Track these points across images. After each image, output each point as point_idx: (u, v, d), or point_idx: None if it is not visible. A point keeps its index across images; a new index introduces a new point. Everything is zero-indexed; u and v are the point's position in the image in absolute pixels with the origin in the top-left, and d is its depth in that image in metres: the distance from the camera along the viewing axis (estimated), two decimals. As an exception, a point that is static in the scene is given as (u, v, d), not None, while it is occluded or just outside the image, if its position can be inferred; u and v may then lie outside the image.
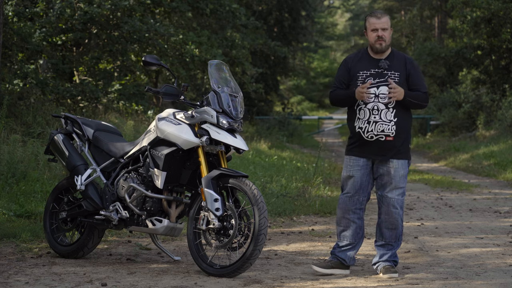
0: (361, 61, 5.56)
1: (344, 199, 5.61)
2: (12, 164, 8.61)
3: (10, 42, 12.90)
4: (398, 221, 5.55)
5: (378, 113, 5.43)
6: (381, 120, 5.43)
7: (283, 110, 35.16)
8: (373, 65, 5.51)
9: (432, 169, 17.85)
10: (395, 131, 5.43)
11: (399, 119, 5.45)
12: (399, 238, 5.61)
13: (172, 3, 16.90)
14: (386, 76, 5.46)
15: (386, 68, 5.48)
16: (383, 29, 5.48)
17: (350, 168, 5.58)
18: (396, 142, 5.46)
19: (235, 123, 5.52)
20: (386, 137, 5.43)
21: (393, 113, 5.43)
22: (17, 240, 6.57)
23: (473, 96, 25.62)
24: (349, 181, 5.59)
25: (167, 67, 5.76)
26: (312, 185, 11.01)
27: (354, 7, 59.75)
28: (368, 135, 5.45)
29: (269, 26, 31.91)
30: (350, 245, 5.62)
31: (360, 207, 5.60)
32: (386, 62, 5.49)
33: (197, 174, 5.66)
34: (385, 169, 5.50)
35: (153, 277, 5.38)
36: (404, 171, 5.53)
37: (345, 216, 5.61)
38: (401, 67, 5.49)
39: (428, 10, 36.99)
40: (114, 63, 16.06)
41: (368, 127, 5.45)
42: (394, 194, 5.51)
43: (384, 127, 5.42)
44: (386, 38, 5.49)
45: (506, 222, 8.54)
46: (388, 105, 5.43)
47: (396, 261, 5.60)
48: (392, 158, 5.48)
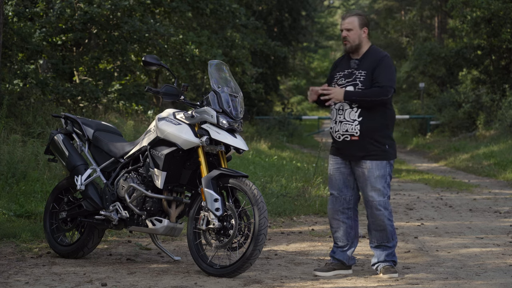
0: (342, 62, 5.63)
1: (332, 200, 5.63)
2: (12, 164, 8.61)
3: (10, 42, 12.90)
4: (384, 222, 5.48)
5: (343, 113, 5.46)
6: (345, 120, 5.44)
7: (283, 110, 35.17)
8: (347, 66, 5.55)
9: (432, 169, 17.86)
10: (360, 131, 5.40)
11: (364, 118, 5.40)
12: (392, 237, 5.55)
13: (172, 3, 16.90)
14: (354, 75, 5.47)
15: (356, 68, 5.48)
16: (347, 30, 5.49)
17: (331, 167, 5.63)
18: (363, 142, 5.40)
19: (235, 123, 5.52)
20: (351, 136, 5.43)
21: (357, 112, 5.41)
22: (17, 240, 6.57)
23: (473, 96, 25.63)
24: (331, 181, 5.62)
25: (167, 67, 5.76)
26: (312, 185, 11.01)
27: (354, 7, 59.73)
28: (336, 135, 5.50)
29: (269, 26, 31.91)
30: (345, 246, 5.62)
31: (348, 207, 5.58)
32: (355, 62, 5.50)
33: (197, 174, 5.66)
34: (360, 171, 5.48)
35: (153, 277, 5.38)
36: (380, 171, 5.43)
37: (334, 217, 5.61)
38: (369, 66, 5.44)
39: (428, 10, 37.02)
40: (114, 63, 16.06)
41: (335, 127, 5.50)
42: (374, 197, 5.44)
43: (347, 126, 5.43)
44: (350, 38, 5.48)
45: (506, 222, 8.54)
46: (352, 105, 5.42)
47: (395, 261, 5.58)
48: (363, 159, 5.43)
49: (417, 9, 37.49)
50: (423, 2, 35.70)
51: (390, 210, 5.52)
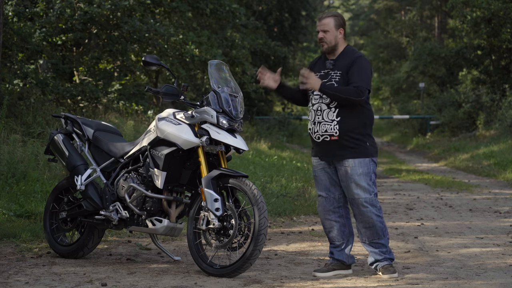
0: (317, 64, 5.64)
1: (321, 201, 5.62)
2: (12, 164, 8.61)
3: (10, 42, 12.90)
4: (372, 219, 5.46)
5: (321, 113, 5.46)
6: (323, 120, 5.44)
7: (283, 110, 35.16)
8: (323, 66, 5.56)
9: (432, 169, 17.86)
10: (339, 131, 5.40)
11: (343, 118, 5.40)
12: (383, 234, 5.52)
13: (172, 3, 16.90)
14: (329, 76, 5.47)
15: (331, 68, 5.50)
16: (323, 31, 5.51)
17: (315, 169, 5.64)
18: (343, 142, 5.41)
19: (235, 123, 5.52)
20: (330, 137, 5.43)
21: (336, 112, 5.41)
22: (17, 240, 6.57)
23: (473, 96, 25.63)
24: (317, 182, 5.63)
25: (167, 67, 5.76)
26: (312, 185, 11.01)
27: (354, 7, 59.72)
28: (316, 136, 5.50)
29: (269, 26, 31.91)
30: (341, 245, 5.62)
31: (338, 205, 5.58)
32: (331, 62, 5.52)
33: (197, 174, 5.66)
34: (343, 170, 5.47)
35: (153, 277, 5.38)
36: (364, 169, 5.43)
37: (326, 218, 5.61)
38: (344, 66, 5.45)
39: (428, 10, 37.03)
40: (114, 63, 16.06)
41: (314, 127, 5.49)
42: (360, 194, 5.43)
43: (327, 126, 5.43)
44: (327, 39, 5.49)
45: (506, 222, 8.54)
46: (330, 105, 5.42)
47: (392, 258, 5.58)
48: (346, 157, 5.43)
49: (417, 9, 37.50)
50: (423, 2, 35.71)
51: (379, 206, 5.51)
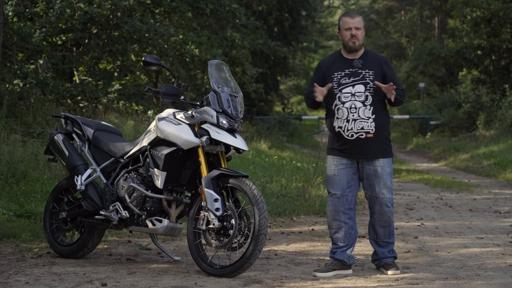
0: (335, 63, 5.63)
1: (333, 200, 5.62)
2: (12, 164, 8.61)
3: (10, 42, 12.90)
4: (390, 219, 5.63)
5: (356, 111, 5.48)
6: (359, 117, 5.47)
7: (283, 110, 35.17)
8: (347, 65, 5.57)
9: (432, 169, 17.86)
10: (375, 128, 5.47)
11: (377, 116, 5.49)
12: (392, 233, 5.68)
13: (172, 3, 16.90)
14: (361, 75, 5.51)
15: (360, 67, 5.53)
16: (356, 28, 5.55)
17: (334, 168, 5.61)
18: (377, 139, 5.49)
19: (235, 123, 5.52)
20: (366, 134, 5.47)
21: (371, 110, 5.48)
22: (17, 240, 6.57)
23: (473, 96, 25.63)
24: (334, 181, 5.61)
25: (167, 67, 5.76)
26: (312, 185, 11.01)
27: (354, 7, 59.74)
28: (349, 134, 5.49)
29: (269, 26, 31.91)
30: (345, 246, 5.63)
31: (350, 207, 5.61)
32: (359, 61, 5.55)
33: (197, 174, 5.66)
34: (372, 168, 5.53)
35: (153, 277, 5.38)
36: (390, 169, 5.58)
37: (336, 218, 5.62)
38: (375, 66, 5.55)
39: (428, 10, 37.02)
40: (114, 63, 16.06)
41: (347, 125, 5.49)
42: (385, 194, 5.56)
43: (363, 124, 5.47)
44: (359, 37, 5.55)
45: (506, 222, 8.54)
46: (365, 103, 5.47)
47: (395, 256, 5.69)
48: (377, 157, 5.51)
49: (417, 9, 37.50)
50: (423, 2, 35.70)
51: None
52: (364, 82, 5.50)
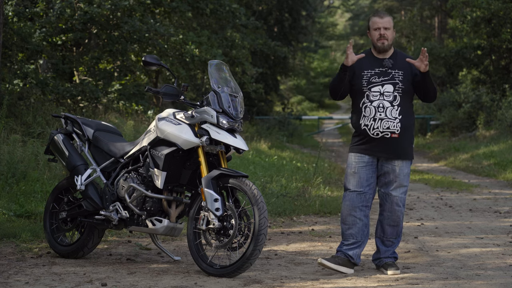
0: (366, 61, 5.63)
1: (351, 196, 5.62)
2: (12, 164, 8.61)
3: (10, 42, 12.90)
4: (400, 218, 5.65)
5: (383, 110, 5.50)
6: (386, 117, 5.50)
7: (283, 110, 35.14)
8: (377, 64, 5.59)
9: (432, 169, 17.85)
10: (400, 128, 5.51)
11: (403, 117, 5.53)
12: (399, 234, 5.71)
13: (172, 3, 16.90)
14: (391, 74, 5.54)
15: (390, 67, 5.56)
16: (385, 28, 5.57)
17: (355, 165, 5.62)
18: (401, 140, 5.53)
19: (235, 123, 5.52)
20: (391, 134, 5.50)
21: (398, 110, 5.51)
22: (17, 240, 6.57)
23: (473, 96, 25.62)
24: (354, 179, 5.62)
25: (167, 67, 5.76)
26: (312, 185, 11.01)
27: (354, 7, 59.74)
28: (374, 132, 5.51)
29: (269, 26, 31.90)
30: (356, 243, 5.63)
31: (367, 205, 5.63)
32: (390, 61, 5.58)
33: (197, 174, 5.66)
34: (390, 167, 5.57)
35: (153, 277, 5.38)
36: (408, 170, 5.63)
37: (352, 214, 5.61)
38: (405, 66, 5.58)
39: (428, 10, 37.03)
40: (114, 63, 16.06)
41: (374, 124, 5.51)
42: (399, 193, 5.60)
43: (389, 124, 5.49)
44: (388, 37, 5.57)
45: (506, 222, 8.54)
46: (393, 103, 5.50)
47: (396, 257, 5.71)
48: (398, 158, 5.55)
49: (417, 9, 37.50)
50: (423, 2, 35.70)
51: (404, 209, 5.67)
52: (393, 82, 5.53)
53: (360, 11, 56.44)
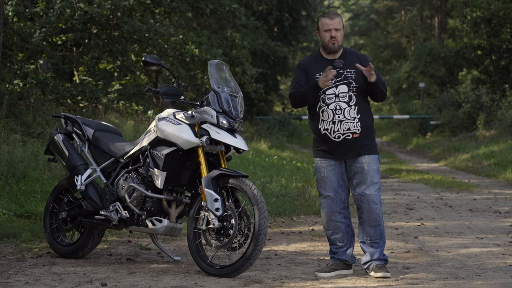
0: (316, 63, 5.60)
1: (327, 202, 5.59)
2: (12, 164, 8.61)
3: (10, 42, 12.90)
4: (379, 217, 5.54)
5: (341, 112, 5.46)
6: (345, 118, 5.46)
7: (283, 110, 35.15)
8: (327, 66, 5.51)
9: (432, 169, 17.85)
10: (361, 127, 5.47)
11: (361, 115, 5.49)
12: (382, 234, 5.58)
13: (172, 3, 16.90)
14: (343, 74, 5.49)
15: (342, 67, 5.51)
16: (336, 29, 5.52)
17: (324, 170, 5.59)
18: (362, 138, 5.49)
19: (235, 123, 5.52)
20: (352, 134, 5.46)
21: (356, 110, 5.47)
22: (17, 240, 6.57)
23: (473, 96, 25.62)
24: (325, 183, 5.59)
25: (167, 67, 5.76)
26: (312, 185, 11.01)
27: (354, 7, 59.72)
28: (335, 135, 5.47)
29: (269, 26, 31.89)
30: (344, 246, 5.62)
31: (344, 206, 5.61)
32: (340, 61, 5.52)
33: (197, 174, 5.66)
34: (358, 166, 5.51)
35: (153, 277, 5.38)
36: (376, 166, 5.54)
37: (332, 219, 5.60)
38: (355, 63, 5.50)
39: (428, 10, 37.02)
40: (114, 63, 16.06)
41: (333, 127, 5.47)
42: (372, 190, 5.50)
43: (349, 124, 5.46)
44: (339, 38, 5.53)
45: (506, 222, 8.54)
46: (350, 103, 5.46)
47: (386, 260, 5.59)
48: (362, 154, 5.49)
49: (417, 9, 37.49)
50: (423, 2, 35.69)
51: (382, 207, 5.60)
52: (347, 82, 5.48)
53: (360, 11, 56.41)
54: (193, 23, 20.19)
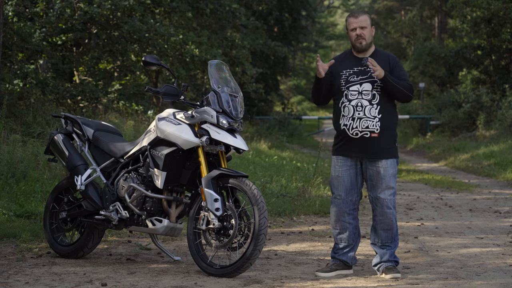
0: (345, 61, 5.61)
1: (337, 202, 5.59)
2: (12, 164, 8.61)
3: (10, 42, 12.90)
4: (392, 222, 5.53)
5: (362, 109, 5.44)
6: (365, 116, 5.43)
7: (283, 110, 35.16)
8: (356, 64, 5.54)
9: (432, 169, 17.86)
10: (380, 127, 5.43)
11: (383, 115, 5.45)
12: (395, 238, 5.59)
13: (172, 3, 16.90)
14: (369, 73, 5.48)
15: (368, 66, 5.50)
16: (361, 28, 5.51)
17: (338, 169, 5.58)
18: (381, 139, 5.44)
19: (235, 123, 5.52)
20: (370, 133, 5.42)
21: (377, 109, 5.44)
22: (17, 240, 6.57)
23: (473, 96, 25.63)
24: (338, 182, 5.58)
25: (167, 67, 5.76)
26: (312, 185, 11.01)
27: (354, 7, 59.73)
28: (353, 132, 5.45)
29: (269, 26, 31.91)
30: (348, 246, 5.62)
31: (354, 207, 5.60)
32: (367, 59, 5.49)
33: (197, 174, 5.66)
34: (374, 169, 5.49)
35: (153, 277, 5.38)
36: (394, 170, 5.52)
37: (340, 219, 5.60)
38: (384, 64, 5.50)
39: (428, 10, 37.02)
40: (114, 63, 16.06)
41: (352, 123, 5.45)
42: (387, 195, 5.49)
43: (368, 123, 5.42)
44: (366, 36, 5.52)
45: (506, 222, 8.54)
46: (372, 102, 5.45)
47: (397, 261, 5.59)
48: (380, 158, 5.47)
49: (417, 9, 37.50)
50: (423, 2, 35.70)
51: (396, 210, 5.58)
52: (371, 80, 5.46)
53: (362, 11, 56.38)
54: (193, 23, 20.20)
